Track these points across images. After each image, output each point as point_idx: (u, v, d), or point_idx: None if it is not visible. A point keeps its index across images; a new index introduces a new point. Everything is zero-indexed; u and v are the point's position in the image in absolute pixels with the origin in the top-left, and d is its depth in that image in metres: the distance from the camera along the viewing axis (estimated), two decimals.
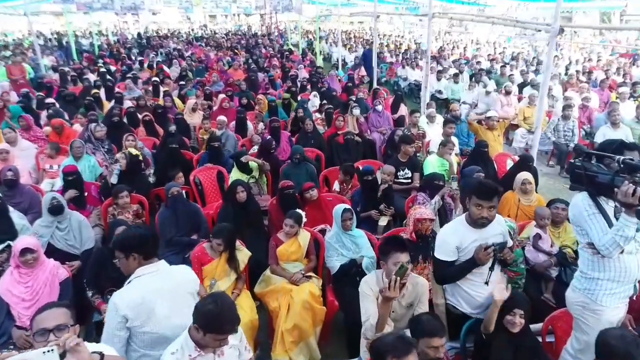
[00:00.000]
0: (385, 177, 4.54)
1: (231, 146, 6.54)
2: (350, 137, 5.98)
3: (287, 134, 6.56)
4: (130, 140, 5.43)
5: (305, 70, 12.67)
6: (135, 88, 9.91)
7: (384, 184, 4.52)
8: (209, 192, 5.33)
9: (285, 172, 5.20)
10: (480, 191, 2.61)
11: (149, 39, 24.19)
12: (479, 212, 2.63)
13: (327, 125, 7.62)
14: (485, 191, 2.60)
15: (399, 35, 28.06)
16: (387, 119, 8.28)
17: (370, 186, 4.51)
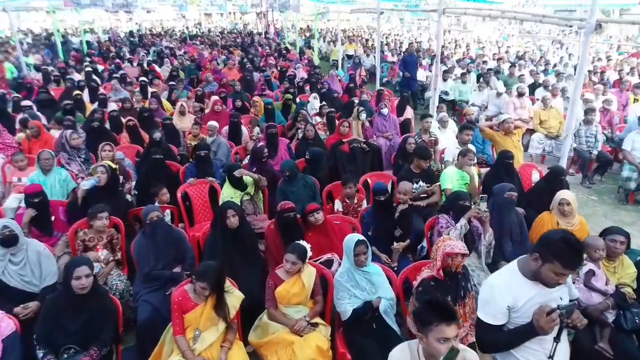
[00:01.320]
0: (402, 196, 3.90)
1: (223, 155, 5.89)
2: (357, 145, 5.34)
3: (285, 141, 5.91)
4: (107, 150, 4.77)
5: (303, 69, 12.01)
6: (121, 89, 9.23)
7: (402, 204, 3.88)
8: (198, 210, 4.67)
9: (281, 190, 4.55)
10: (568, 259, 1.96)
11: (141, 37, 23.44)
12: (556, 279, 1.99)
13: (329, 131, 6.98)
14: (574, 260, 1.97)
15: (397, 34, 27.44)
16: (394, 123, 7.66)
17: (383, 207, 3.88)
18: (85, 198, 4.03)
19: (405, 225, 3.82)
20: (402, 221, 3.84)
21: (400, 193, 3.89)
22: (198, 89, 8.80)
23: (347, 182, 4.35)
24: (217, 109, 7.41)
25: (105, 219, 3.70)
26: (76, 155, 5.35)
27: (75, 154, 5.36)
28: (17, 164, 5.03)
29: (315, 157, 5.03)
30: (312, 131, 5.89)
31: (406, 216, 3.85)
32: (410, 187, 3.97)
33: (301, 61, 14.53)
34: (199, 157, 4.96)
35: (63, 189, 4.65)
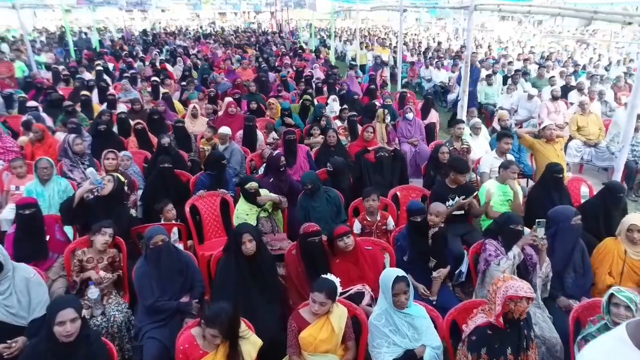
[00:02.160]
0: (434, 219, 3.38)
1: (237, 162, 5.43)
2: (384, 154, 4.83)
3: (305, 149, 5.43)
4: (110, 158, 4.33)
5: (319, 69, 11.51)
6: (131, 89, 8.84)
7: (434, 227, 3.37)
8: (209, 225, 4.21)
9: (302, 205, 4.08)
10: None
11: (155, 36, 23.19)
12: None
13: (350, 136, 6.48)
14: None
15: (415, 34, 26.79)
16: (419, 127, 7.15)
17: (420, 229, 3.38)
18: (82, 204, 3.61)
19: (439, 251, 3.31)
20: (436, 246, 3.33)
21: (432, 214, 3.37)
22: (211, 89, 8.35)
23: (368, 195, 3.82)
24: (231, 112, 6.95)
25: (108, 236, 3.27)
26: (79, 161, 4.94)
27: (79, 161, 4.95)
28: (15, 171, 4.63)
29: (338, 168, 4.55)
30: (334, 137, 5.41)
31: (439, 240, 3.33)
32: (443, 209, 3.43)
33: (317, 61, 14.03)
34: (214, 167, 4.50)
35: (62, 200, 4.23)
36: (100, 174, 4.19)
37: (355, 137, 6.45)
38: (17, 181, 4.62)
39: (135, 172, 5.07)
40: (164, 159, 4.41)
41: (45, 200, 4.14)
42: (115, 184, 3.69)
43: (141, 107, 7.58)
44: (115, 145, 5.86)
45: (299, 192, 4.40)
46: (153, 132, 6.44)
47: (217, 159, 4.59)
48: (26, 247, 3.38)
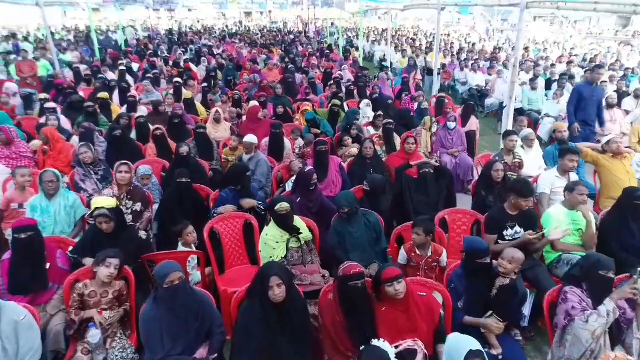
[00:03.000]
0: (507, 266, 2.75)
1: (263, 174, 4.93)
2: (428, 170, 4.23)
3: (337, 161, 4.88)
4: (124, 172, 3.87)
5: (349, 71, 10.94)
6: (153, 90, 8.48)
7: (503, 277, 2.76)
8: (230, 251, 3.71)
9: (336, 230, 3.53)
10: None
11: (181, 35, 23.04)
12: None
13: (386, 146, 5.89)
14: None
15: (445, 34, 25.89)
16: (460, 137, 6.53)
17: (482, 272, 2.78)
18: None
19: (503, 306, 2.70)
20: (501, 300, 2.72)
21: (505, 260, 2.75)
22: (235, 92, 7.89)
23: (418, 226, 3.23)
24: (261, 116, 6.47)
25: (114, 268, 2.81)
26: (91, 171, 4.51)
27: (91, 170, 4.51)
28: (18, 181, 4.08)
29: (377, 187, 3.99)
30: (371, 149, 4.84)
31: (507, 294, 2.70)
32: (520, 256, 2.76)
33: (345, 62, 13.47)
34: (238, 180, 4.00)
35: (70, 216, 3.80)
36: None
37: (390, 147, 5.87)
38: (20, 197, 4.12)
39: (153, 183, 4.63)
40: (181, 173, 3.93)
41: (51, 216, 3.72)
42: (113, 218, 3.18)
43: (165, 109, 7.19)
44: (132, 152, 5.47)
45: (332, 214, 3.87)
46: (173, 138, 6.01)
47: (241, 171, 4.08)
48: (23, 276, 2.94)
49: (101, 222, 3.14)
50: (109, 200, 3.22)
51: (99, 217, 3.14)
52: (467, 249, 2.79)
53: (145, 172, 4.37)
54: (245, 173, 4.10)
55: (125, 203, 3.84)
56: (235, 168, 4.17)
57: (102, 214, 3.12)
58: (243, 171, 4.11)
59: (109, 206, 3.19)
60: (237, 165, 4.21)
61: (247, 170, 4.16)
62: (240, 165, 4.24)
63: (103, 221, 3.14)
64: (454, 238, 3.85)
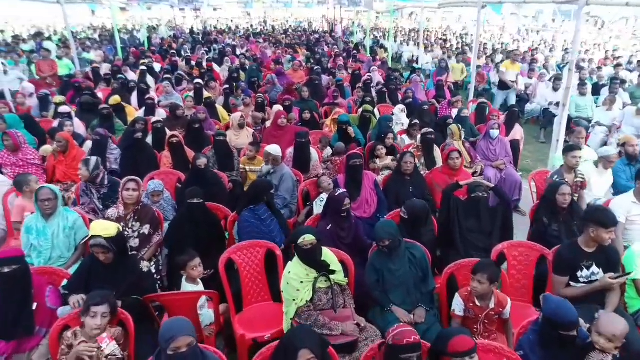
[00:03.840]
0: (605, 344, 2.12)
1: (287, 191, 4.39)
2: (482, 194, 3.61)
3: (372, 177, 4.30)
4: (131, 189, 3.38)
5: (378, 72, 10.32)
6: (173, 92, 8.06)
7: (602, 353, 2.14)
8: (249, 287, 3.17)
9: (373, 266, 2.97)
10: None
11: (205, 34, 22.79)
12: None
13: (425, 158, 5.27)
14: None
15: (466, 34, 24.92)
16: (504, 147, 5.87)
17: (566, 343, 2.17)
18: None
19: None
20: None
21: (603, 336, 2.12)
22: (259, 94, 7.39)
23: (480, 272, 2.63)
24: (281, 123, 5.94)
25: (100, 318, 2.31)
26: (93, 189, 4.01)
27: (92, 188, 4.01)
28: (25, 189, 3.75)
29: (417, 215, 3.38)
30: (411, 164, 4.25)
31: None
32: (625, 329, 2.16)
33: (373, 63, 12.83)
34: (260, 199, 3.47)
35: (69, 239, 3.35)
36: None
37: (430, 161, 5.26)
38: (28, 205, 3.76)
39: (165, 199, 4.17)
40: (193, 192, 3.42)
41: (48, 239, 3.27)
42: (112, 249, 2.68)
43: (183, 112, 6.75)
44: (147, 161, 5.04)
45: (368, 245, 3.31)
46: (191, 145, 5.56)
47: (264, 189, 3.55)
48: (5, 318, 2.48)
49: (98, 252, 2.66)
50: (109, 227, 2.73)
51: (94, 247, 2.65)
52: (550, 314, 2.17)
53: (155, 189, 3.89)
54: (269, 191, 3.57)
55: (131, 225, 3.37)
56: (257, 185, 3.63)
57: (99, 244, 2.64)
58: (266, 189, 3.58)
59: (107, 235, 2.69)
60: (260, 183, 3.67)
61: (270, 188, 3.63)
62: (263, 182, 3.70)
63: (100, 252, 2.66)
64: (513, 276, 3.24)
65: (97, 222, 2.80)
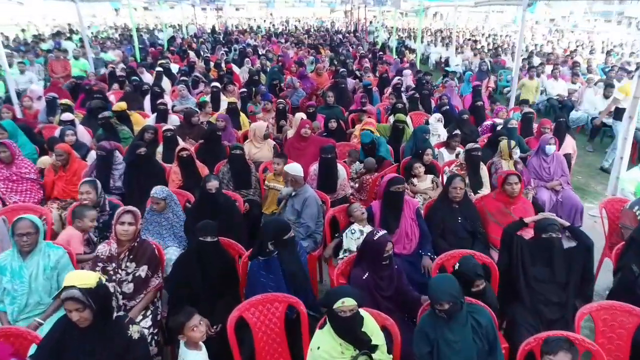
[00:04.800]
0: None
1: (311, 217, 3.73)
2: (555, 235, 2.89)
3: (414, 205, 3.60)
4: (127, 223, 2.76)
5: (411, 77, 9.57)
6: (189, 96, 7.51)
7: None
8: (264, 352, 2.52)
9: (424, 333, 2.28)
10: None
11: (226, 34, 22.36)
12: None
13: (470, 178, 4.55)
14: None
15: (506, 35, 23.85)
16: (560, 164, 5.11)
17: None
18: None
19: None
20: None
21: None
22: (280, 100, 6.76)
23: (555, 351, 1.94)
24: (305, 133, 5.29)
25: None
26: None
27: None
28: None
29: (472, 272, 2.64)
30: (461, 190, 3.55)
31: None
32: None
33: (401, 65, 12.07)
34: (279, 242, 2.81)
35: (50, 281, 2.76)
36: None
37: (477, 182, 4.55)
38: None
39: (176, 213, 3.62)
40: (206, 228, 2.78)
41: (24, 282, 2.70)
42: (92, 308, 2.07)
43: (198, 119, 6.19)
44: (153, 178, 4.45)
45: (412, 299, 2.64)
46: (205, 157, 4.98)
47: (281, 231, 2.84)
48: None
49: (70, 309, 2.06)
50: (87, 277, 2.12)
51: (67, 302, 2.05)
52: None
53: (155, 194, 3.38)
54: (282, 236, 2.81)
55: (125, 266, 2.77)
56: (273, 227, 2.89)
57: (72, 297, 2.03)
58: (284, 230, 2.85)
59: (84, 285, 2.09)
60: (272, 224, 2.94)
61: (286, 231, 2.85)
62: (277, 223, 2.94)
63: (73, 308, 2.05)
64: (603, 346, 2.51)
65: (74, 272, 2.20)
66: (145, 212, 3.77)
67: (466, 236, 3.55)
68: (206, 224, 2.82)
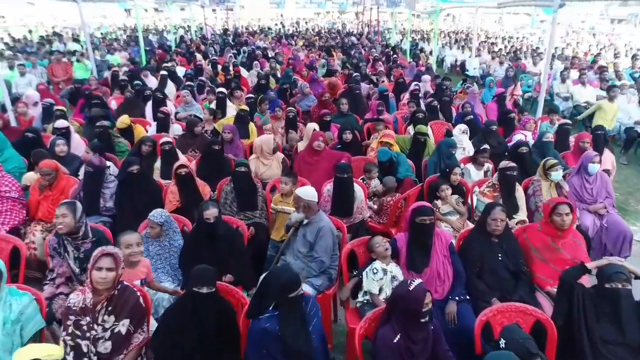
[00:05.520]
0: None
1: (326, 251, 3.21)
2: (623, 284, 2.36)
3: (447, 239, 3.06)
4: (105, 269, 2.26)
5: (430, 83, 9.01)
6: (193, 102, 7.04)
7: None
8: None
9: None
10: None
11: (235, 35, 21.96)
12: None
13: (505, 203, 4.00)
14: None
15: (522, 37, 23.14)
16: (604, 185, 4.58)
17: None
18: None
19: None
20: None
21: None
22: (290, 109, 6.25)
23: None
24: (317, 147, 4.79)
25: None
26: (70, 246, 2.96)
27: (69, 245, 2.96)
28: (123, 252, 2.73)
29: (521, 349, 2.07)
30: (503, 222, 3.02)
31: None
32: None
33: (416, 68, 11.51)
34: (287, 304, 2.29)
35: (11, 337, 2.28)
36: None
37: (511, 205, 4.00)
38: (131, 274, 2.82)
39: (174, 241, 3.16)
40: (204, 278, 2.27)
41: None
42: None
43: (202, 128, 5.72)
44: (148, 198, 3.99)
45: None
46: (206, 172, 4.51)
47: (290, 288, 2.29)
48: None
49: None
50: (49, 351, 1.64)
51: None
52: None
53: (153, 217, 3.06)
54: (288, 294, 2.27)
55: (102, 320, 2.28)
56: (282, 283, 2.31)
57: None
58: (293, 287, 2.30)
59: (48, 357, 1.61)
60: (284, 278, 2.33)
61: (295, 287, 2.29)
62: (289, 277, 2.34)
63: None
64: None
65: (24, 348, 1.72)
66: None
67: (508, 276, 3.02)
68: (202, 272, 2.32)
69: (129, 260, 2.80)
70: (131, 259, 2.82)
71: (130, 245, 2.82)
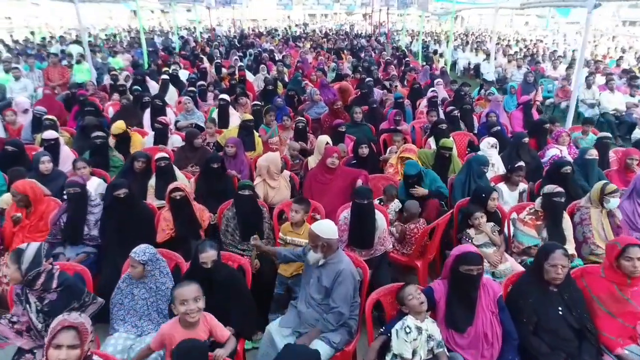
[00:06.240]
0: None
1: (345, 301, 2.65)
2: None
3: (495, 292, 2.48)
4: (65, 347, 1.70)
5: (445, 89, 8.45)
6: (195, 110, 6.53)
7: None
8: None
9: None
10: None
11: (242, 37, 21.48)
12: None
13: (550, 233, 3.44)
14: None
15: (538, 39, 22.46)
16: None
17: None
18: None
19: None
20: None
21: None
22: (299, 119, 5.70)
23: None
24: (331, 164, 4.24)
25: None
26: (32, 296, 2.43)
27: (30, 294, 2.44)
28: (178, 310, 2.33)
29: None
30: (564, 268, 2.45)
31: None
32: None
33: (431, 72, 10.93)
34: None
35: None
36: None
37: (557, 235, 3.43)
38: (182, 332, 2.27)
39: (161, 287, 2.64)
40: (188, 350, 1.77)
41: None
42: None
43: (204, 140, 5.22)
44: (137, 227, 3.47)
45: None
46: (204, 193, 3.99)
47: None
48: None
49: None
50: None
51: None
52: None
53: (134, 255, 2.59)
54: None
55: None
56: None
57: None
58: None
59: None
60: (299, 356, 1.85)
61: None
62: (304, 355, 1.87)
63: None
64: None
65: None
66: (121, 279, 2.79)
67: (570, 336, 2.46)
68: (189, 344, 1.79)
69: (185, 320, 2.27)
70: (188, 318, 2.27)
71: (186, 302, 2.26)
